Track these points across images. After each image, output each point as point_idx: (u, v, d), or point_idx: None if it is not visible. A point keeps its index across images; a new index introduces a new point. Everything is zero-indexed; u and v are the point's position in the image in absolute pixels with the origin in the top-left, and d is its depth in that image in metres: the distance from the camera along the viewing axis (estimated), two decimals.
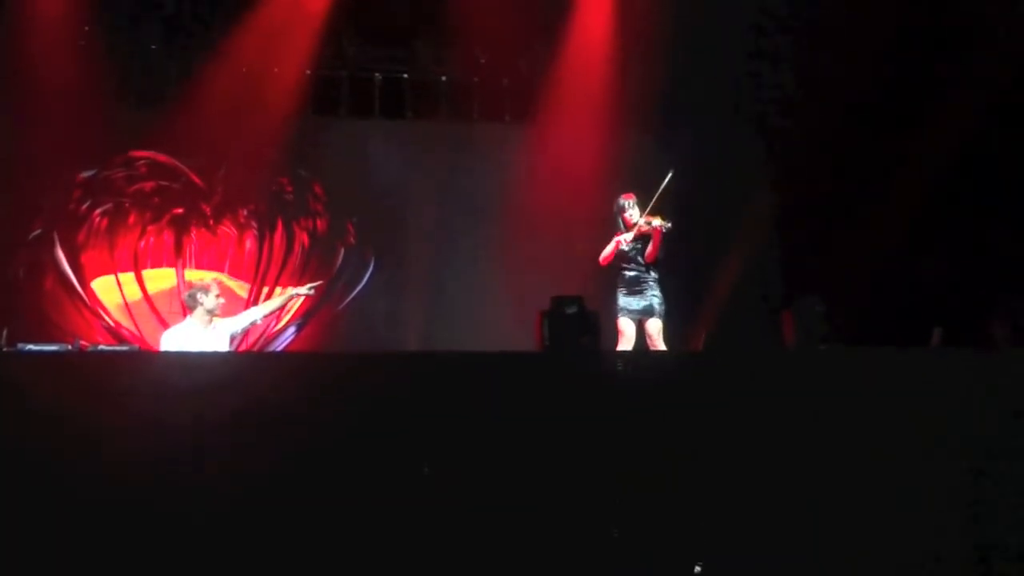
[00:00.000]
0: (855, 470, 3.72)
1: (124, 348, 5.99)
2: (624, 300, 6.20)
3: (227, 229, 8.30)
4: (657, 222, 6.11)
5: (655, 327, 6.17)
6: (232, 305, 7.34)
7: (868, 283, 7.10)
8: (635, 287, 6.20)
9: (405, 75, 8.47)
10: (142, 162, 8.16)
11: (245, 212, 8.33)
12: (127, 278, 8.08)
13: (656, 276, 6.24)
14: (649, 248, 6.20)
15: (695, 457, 3.71)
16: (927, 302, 6.60)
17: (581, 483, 3.64)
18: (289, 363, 4.40)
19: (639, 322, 6.20)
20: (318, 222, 8.43)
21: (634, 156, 7.83)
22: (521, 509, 3.60)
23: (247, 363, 4.42)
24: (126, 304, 8.03)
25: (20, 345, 4.75)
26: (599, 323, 5.35)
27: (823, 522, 3.65)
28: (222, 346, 5.49)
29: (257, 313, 5.97)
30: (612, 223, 6.33)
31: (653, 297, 6.21)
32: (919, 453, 3.73)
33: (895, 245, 7.23)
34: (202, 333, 5.49)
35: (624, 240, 6.17)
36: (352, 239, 8.41)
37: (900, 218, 7.25)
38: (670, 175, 6.16)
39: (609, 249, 6.21)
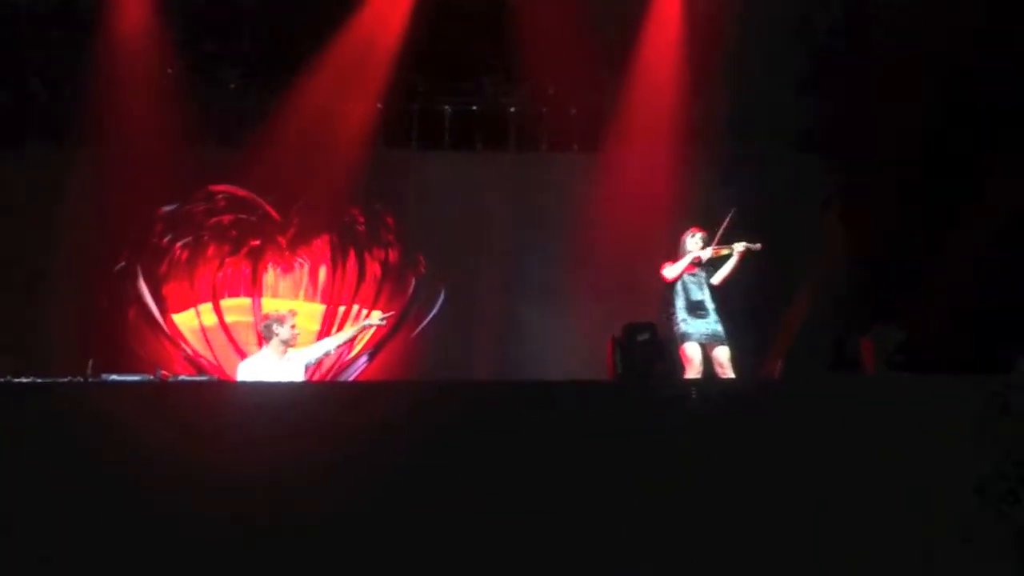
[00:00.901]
0: (943, 499, 3.57)
1: (204, 378, 6.12)
2: (689, 325, 6.00)
3: (302, 259, 8.48)
4: (741, 245, 6.04)
5: (725, 354, 5.98)
6: (306, 334, 7.46)
7: (949, 310, 6.87)
8: (700, 311, 6.04)
9: (474, 107, 8.55)
10: (221, 196, 8.41)
11: (319, 243, 8.50)
12: (205, 308, 8.30)
13: (715, 304, 6.11)
14: (727, 271, 6.10)
15: (783, 488, 3.61)
16: (1012, 330, 6.35)
17: (659, 513, 3.58)
18: (365, 392, 4.44)
19: (704, 348, 6.01)
20: (390, 252, 8.54)
21: (702, 184, 7.74)
22: (596, 538, 3.55)
23: (324, 393, 4.48)
24: (204, 334, 8.24)
25: (105, 375, 4.90)
26: (671, 350, 5.28)
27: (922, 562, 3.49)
28: (297, 376, 5.57)
29: (331, 343, 6.06)
30: (679, 255, 6.24)
31: (717, 323, 6.04)
32: (1007, 484, 3.57)
33: (977, 270, 6.99)
34: (277, 363, 5.58)
35: (701, 258, 6.06)
36: (423, 268, 8.49)
37: (980, 242, 7.01)
38: (732, 213, 6.09)
39: (682, 265, 6.10)
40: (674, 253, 6.23)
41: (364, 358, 8.41)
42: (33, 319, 7.54)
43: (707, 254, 6.07)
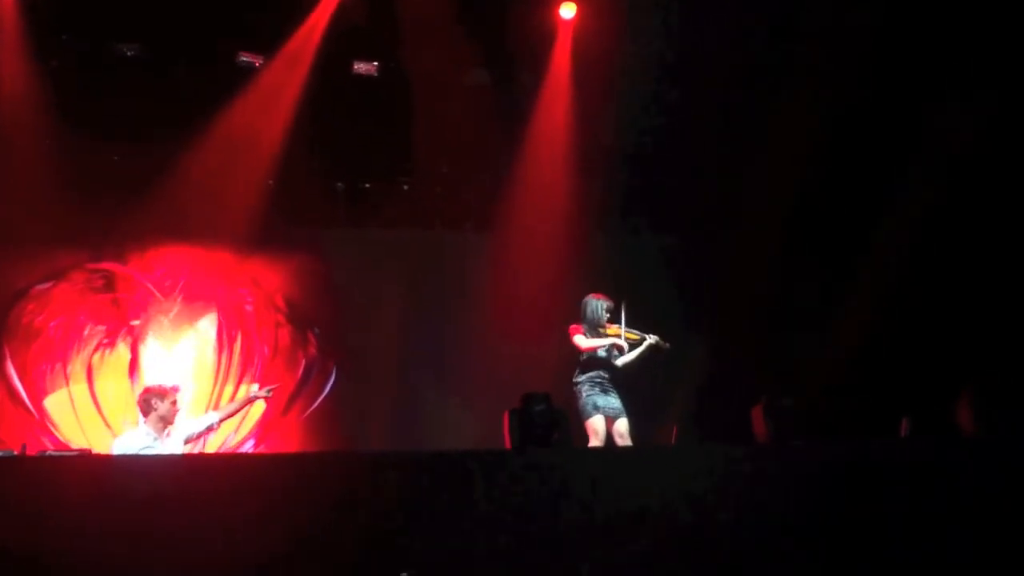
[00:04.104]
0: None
1: (72, 453, 5.74)
2: (596, 399, 6.32)
3: (186, 341, 8.13)
4: (653, 339, 6.42)
5: (624, 426, 6.34)
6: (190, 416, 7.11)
7: (832, 375, 7.16)
8: (607, 386, 6.39)
9: (367, 185, 8.51)
10: (99, 274, 8.03)
11: (204, 323, 8.18)
12: (80, 391, 7.82)
13: (619, 380, 6.45)
14: (631, 358, 6.44)
15: (678, 553, 3.59)
16: (894, 391, 6.62)
17: None
18: (245, 465, 4.23)
19: (607, 422, 6.33)
20: (280, 332, 8.28)
21: (599, 256, 7.91)
22: None
23: (199, 465, 4.24)
24: (79, 420, 7.76)
25: None
26: (568, 421, 5.29)
27: None
28: (176, 452, 5.28)
29: (214, 416, 5.79)
30: (586, 319, 6.44)
31: (620, 397, 6.40)
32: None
33: (860, 335, 7.30)
34: (155, 440, 5.28)
35: (623, 344, 6.36)
36: (314, 349, 8.27)
37: (863, 309, 7.34)
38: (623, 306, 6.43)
39: (600, 344, 6.37)
40: (564, 323, 6.34)
41: (251, 441, 8.07)
42: None
43: (624, 343, 6.40)
